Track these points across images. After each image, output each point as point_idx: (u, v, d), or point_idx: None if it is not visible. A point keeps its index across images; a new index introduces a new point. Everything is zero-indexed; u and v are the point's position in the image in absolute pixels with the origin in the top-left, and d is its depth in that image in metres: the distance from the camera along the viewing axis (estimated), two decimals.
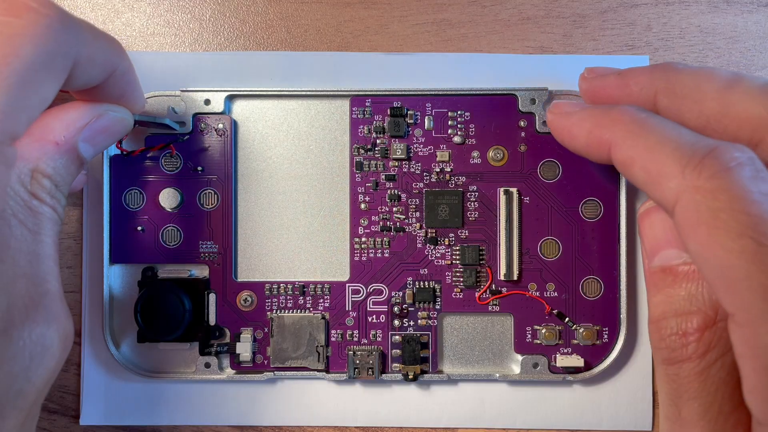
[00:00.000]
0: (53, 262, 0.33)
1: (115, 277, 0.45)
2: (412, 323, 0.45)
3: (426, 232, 0.45)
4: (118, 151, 0.44)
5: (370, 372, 0.45)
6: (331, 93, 0.45)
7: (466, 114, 0.45)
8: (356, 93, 0.45)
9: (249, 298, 0.45)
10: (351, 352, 0.45)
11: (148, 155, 0.45)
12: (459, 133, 0.45)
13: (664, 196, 0.30)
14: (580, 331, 0.45)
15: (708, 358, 0.29)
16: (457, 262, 0.45)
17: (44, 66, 0.29)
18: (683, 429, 0.30)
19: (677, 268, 0.31)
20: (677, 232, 0.29)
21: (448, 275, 0.45)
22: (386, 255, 0.45)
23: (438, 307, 0.45)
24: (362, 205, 0.45)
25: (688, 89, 0.35)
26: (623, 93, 0.38)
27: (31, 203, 0.32)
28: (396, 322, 0.45)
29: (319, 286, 0.45)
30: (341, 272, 0.46)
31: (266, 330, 0.45)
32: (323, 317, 0.45)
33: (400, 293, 0.45)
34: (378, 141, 0.45)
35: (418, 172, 0.45)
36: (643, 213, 0.35)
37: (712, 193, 0.27)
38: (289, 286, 0.45)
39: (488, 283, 0.45)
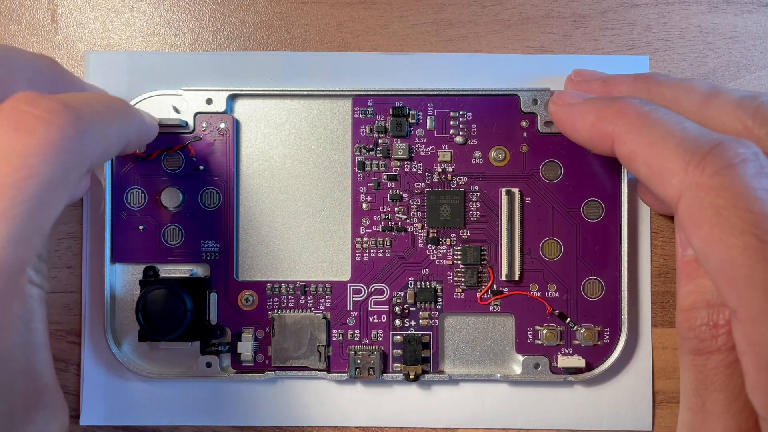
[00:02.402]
0: (46, 350, 0.32)
1: (117, 277, 0.45)
2: (413, 323, 0.45)
3: (427, 232, 0.45)
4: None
5: (371, 372, 0.45)
6: (333, 93, 0.45)
7: (468, 114, 0.45)
8: (358, 93, 0.45)
9: (250, 298, 0.45)
10: (352, 352, 0.45)
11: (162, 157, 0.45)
12: (461, 133, 0.45)
13: (667, 192, 0.30)
14: (582, 331, 0.45)
15: (737, 352, 0.29)
16: (459, 262, 0.45)
17: (60, 181, 0.27)
18: (706, 420, 0.30)
19: None
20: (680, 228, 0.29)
21: (450, 275, 0.45)
22: (388, 255, 0.45)
23: (439, 307, 0.45)
24: (364, 205, 0.45)
25: (667, 102, 0.35)
26: None
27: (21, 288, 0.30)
28: (397, 322, 0.45)
29: (320, 285, 0.45)
30: (343, 272, 0.46)
31: (267, 329, 0.45)
32: (324, 317, 0.45)
33: (402, 293, 0.45)
34: (380, 141, 0.45)
35: (419, 172, 0.45)
36: None
37: (715, 191, 0.27)
38: (291, 286, 0.45)
39: (489, 283, 0.45)
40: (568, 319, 0.45)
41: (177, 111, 0.45)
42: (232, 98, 0.46)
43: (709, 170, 0.28)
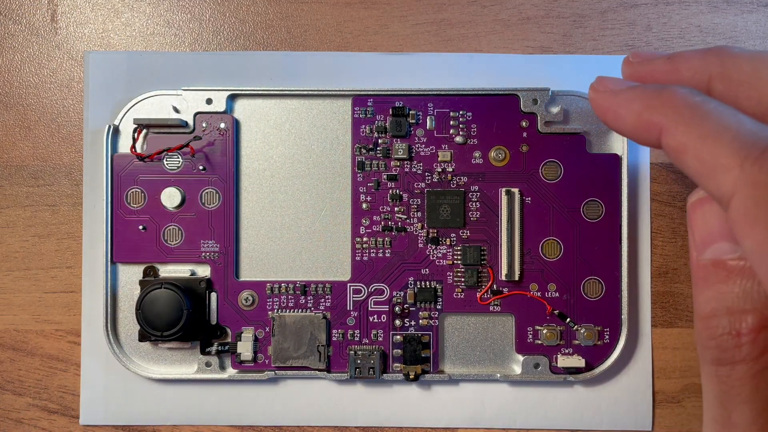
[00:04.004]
0: None
1: (117, 277, 0.45)
2: (413, 323, 0.45)
3: (427, 232, 0.45)
4: (126, 152, 0.45)
5: (371, 372, 0.45)
6: (333, 93, 0.45)
7: (468, 114, 0.45)
8: (358, 93, 0.45)
9: (250, 298, 0.45)
10: (352, 352, 0.45)
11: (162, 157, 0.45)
12: (461, 133, 0.45)
13: (719, 189, 0.28)
14: (582, 331, 0.45)
15: (763, 361, 0.28)
16: (459, 262, 0.45)
17: None
18: None
19: (730, 262, 0.29)
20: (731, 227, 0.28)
21: (450, 275, 0.45)
22: (387, 255, 0.45)
23: (439, 307, 0.45)
24: (364, 205, 0.45)
25: (745, 75, 0.32)
26: (673, 79, 0.35)
27: None
28: (397, 322, 0.45)
29: (320, 285, 0.45)
30: (343, 272, 0.46)
31: (267, 329, 0.45)
32: (324, 317, 0.45)
33: (402, 293, 0.45)
34: (380, 141, 0.45)
35: (419, 171, 0.45)
36: (696, 202, 0.32)
37: None
38: (291, 286, 0.45)
39: (489, 283, 0.45)
40: (568, 319, 0.45)
41: (177, 111, 0.45)
42: (232, 98, 0.46)
43: (767, 167, 0.26)
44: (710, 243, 0.31)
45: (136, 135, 0.44)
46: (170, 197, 0.45)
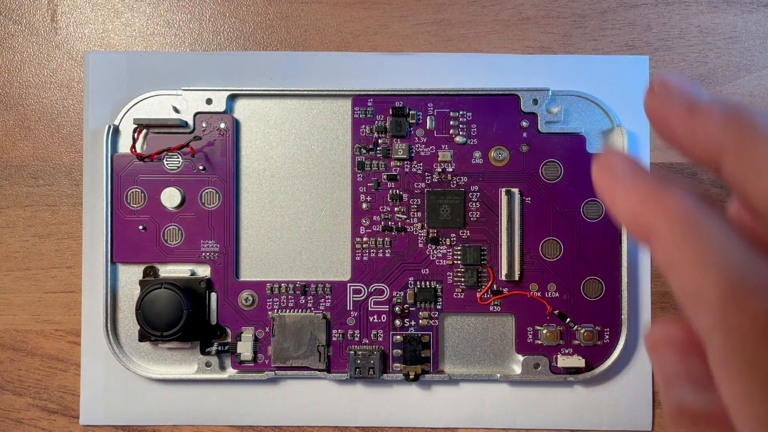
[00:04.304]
0: None
1: (117, 277, 0.45)
2: (413, 323, 0.45)
3: (427, 232, 0.45)
4: (126, 152, 0.45)
5: (371, 372, 0.45)
6: (333, 93, 0.45)
7: (468, 114, 0.45)
8: (358, 93, 0.45)
9: (250, 298, 0.45)
10: (352, 352, 0.45)
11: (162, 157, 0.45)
12: (461, 133, 0.45)
13: (699, 323, 0.25)
14: (581, 331, 0.45)
15: None
16: (459, 262, 0.45)
17: None
18: None
19: (694, 409, 0.28)
20: (693, 371, 0.26)
21: (450, 275, 0.45)
22: (387, 255, 0.45)
23: (439, 307, 0.45)
24: (364, 205, 0.45)
25: (759, 158, 0.31)
26: (686, 137, 0.33)
27: None
28: (397, 322, 0.45)
29: (320, 285, 0.45)
30: (343, 272, 0.46)
31: (267, 329, 0.45)
32: (324, 317, 0.45)
33: (402, 293, 0.45)
34: (380, 141, 0.45)
35: (419, 172, 0.45)
36: (651, 345, 0.30)
37: (756, 340, 0.23)
38: (291, 286, 0.45)
39: (489, 283, 0.45)
40: (568, 319, 0.45)
41: (177, 111, 0.45)
42: (232, 98, 0.46)
43: (749, 311, 0.24)
44: (671, 388, 0.29)
45: (136, 135, 0.44)
46: (170, 197, 0.45)
